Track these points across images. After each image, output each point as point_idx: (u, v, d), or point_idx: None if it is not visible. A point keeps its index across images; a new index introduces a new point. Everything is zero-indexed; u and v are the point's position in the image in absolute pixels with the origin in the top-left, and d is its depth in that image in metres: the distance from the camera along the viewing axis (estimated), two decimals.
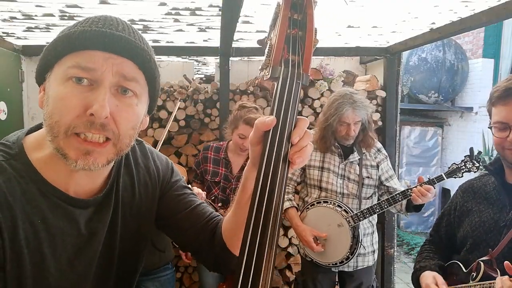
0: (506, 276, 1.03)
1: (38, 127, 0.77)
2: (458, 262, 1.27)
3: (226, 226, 0.86)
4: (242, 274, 0.59)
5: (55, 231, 0.72)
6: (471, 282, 1.19)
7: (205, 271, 2.39)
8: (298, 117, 0.64)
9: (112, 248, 0.81)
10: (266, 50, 0.66)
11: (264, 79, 0.67)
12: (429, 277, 1.30)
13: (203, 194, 2.05)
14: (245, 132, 2.14)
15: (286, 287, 3.15)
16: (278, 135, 0.62)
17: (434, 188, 1.94)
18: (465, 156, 1.90)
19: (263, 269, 0.59)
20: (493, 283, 1.11)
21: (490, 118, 1.28)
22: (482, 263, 1.18)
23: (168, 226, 0.92)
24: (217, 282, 2.41)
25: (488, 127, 1.29)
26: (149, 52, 0.72)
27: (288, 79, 0.64)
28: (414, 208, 2.04)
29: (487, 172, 1.40)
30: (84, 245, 0.76)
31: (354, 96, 2.08)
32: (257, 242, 0.60)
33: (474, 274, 1.19)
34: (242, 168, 2.26)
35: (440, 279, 1.28)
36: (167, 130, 2.49)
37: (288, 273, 3.13)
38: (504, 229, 1.22)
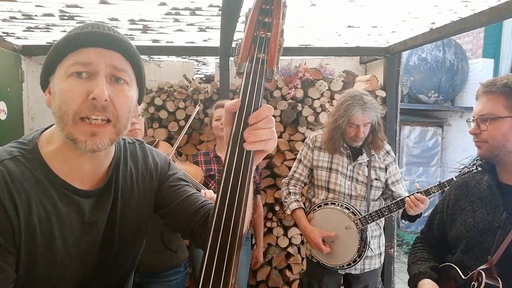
0: None
1: (52, 125, 0.89)
2: (455, 267, 1.26)
3: None
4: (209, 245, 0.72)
5: (64, 216, 0.83)
6: None
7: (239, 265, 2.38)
8: (263, 105, 0.73)
9: (112, 235, 0.92)
10: (236, 50, 0.75)
11: (234, 77, 0.74)
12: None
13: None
14: (220, 114, 2.27)
15: (286, 287, 3.15)
16: (242, 122, 0.72)
17: (436, 193, 1.94)
18: (475, 160, 1.88)
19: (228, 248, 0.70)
20: None
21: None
22: (483, 272, 1.16)
23: (166, 214, 1.02)
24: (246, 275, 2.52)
25: (470, 121, 1.33)
26: (132, 45, 0.85)
27: (252, 73, 0.73)
28: (408, 218, 2.03)
29: (480, 170, 1.40)
30: (88, 229, 0.87)
31: (364, 98, 2.06)
32: (223, 224, 0.71)
33: (476, 284, 1.16)
34: None
35: None
36: (183, 133, 2.43)
37: (288, 273, 3.12)
38: (499, 230, 1.21)
